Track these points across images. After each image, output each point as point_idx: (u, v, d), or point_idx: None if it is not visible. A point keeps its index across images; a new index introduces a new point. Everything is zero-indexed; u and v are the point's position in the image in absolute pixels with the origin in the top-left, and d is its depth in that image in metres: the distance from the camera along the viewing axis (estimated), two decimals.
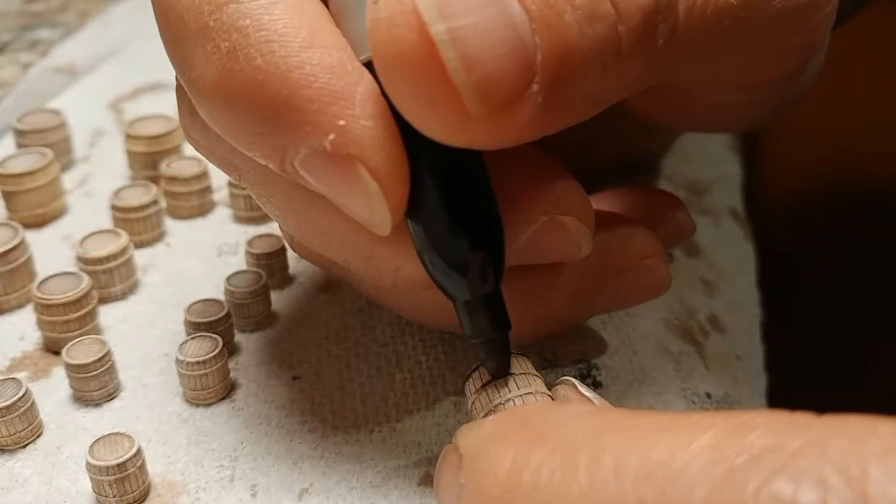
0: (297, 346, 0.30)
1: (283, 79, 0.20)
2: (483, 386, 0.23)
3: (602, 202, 0.30)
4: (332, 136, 0.20)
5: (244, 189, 0.35)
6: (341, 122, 0.20)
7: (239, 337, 0.30)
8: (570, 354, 0.29)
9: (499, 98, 0.19)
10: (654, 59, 0.21)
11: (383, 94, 0.20)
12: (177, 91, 0.25)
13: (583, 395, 0.22)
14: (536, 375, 0.23)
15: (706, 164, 0.40)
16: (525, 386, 0.23)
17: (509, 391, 0.23)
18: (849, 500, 0.14)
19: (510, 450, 0.19)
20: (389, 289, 0.25)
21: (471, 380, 0.23)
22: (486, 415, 0.22)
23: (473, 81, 0.19)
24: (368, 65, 0.21)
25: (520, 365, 0.23)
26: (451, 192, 0.22)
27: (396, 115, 0.20)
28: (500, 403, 0.22)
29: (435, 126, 0.20)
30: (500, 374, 0.23)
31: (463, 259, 0.22)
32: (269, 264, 0.32)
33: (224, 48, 0.21)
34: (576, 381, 0.23)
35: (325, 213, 0.23)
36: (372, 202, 0.21)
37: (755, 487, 0.15)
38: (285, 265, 0.32)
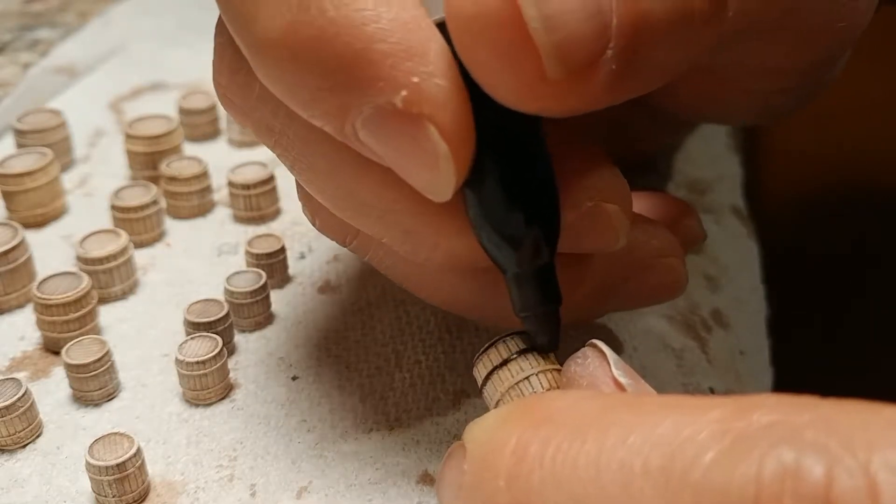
0: (296, 346, 0.30)
1: (357, 32, 0.20)
2: (494, 369, 0.23)
3: None
4: (404, 93, 0.20)
5: (244, 189, 0.35)
6: (415, 79, 0.20)
7: (238, 337, 0.30)
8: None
9: (576, 61, 0.19)
10: (723, 31, 0.21)
11: (453, 55, 0.20)
12: (216, 49, 0.24)
13: (613, 376, 0.21)
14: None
15: (707, 164, 0.40)
16: (539, 364, 0.22)
17: (521, 370, 0.22)
18: (854, 470, 0.15)
19: (515, 431, 0.19)
20: (420, 265, 0.25)
21: (479, 363, 0.23)
22: (504, 393, 0.22)
23: (554, 42, 0.18)
24: (438, 26, 0.20)
25: (527, 343, 0.23)
26: (512, 161, 0.21)
27: (465, 79, 0.20)
28: (516, 383, 0.22)
29: (509, 88, 0.19)
30: (550, 349, 0.23)
31: (518, 231, 0.22)
32: (269, 264, 0.32)
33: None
34: (609, 356, 0.22)
35: (371, 182, 0.22)
36: (439, 165, 0.20)
37: (761, 453, 0.15)
38: (285, 265, 0.32)
